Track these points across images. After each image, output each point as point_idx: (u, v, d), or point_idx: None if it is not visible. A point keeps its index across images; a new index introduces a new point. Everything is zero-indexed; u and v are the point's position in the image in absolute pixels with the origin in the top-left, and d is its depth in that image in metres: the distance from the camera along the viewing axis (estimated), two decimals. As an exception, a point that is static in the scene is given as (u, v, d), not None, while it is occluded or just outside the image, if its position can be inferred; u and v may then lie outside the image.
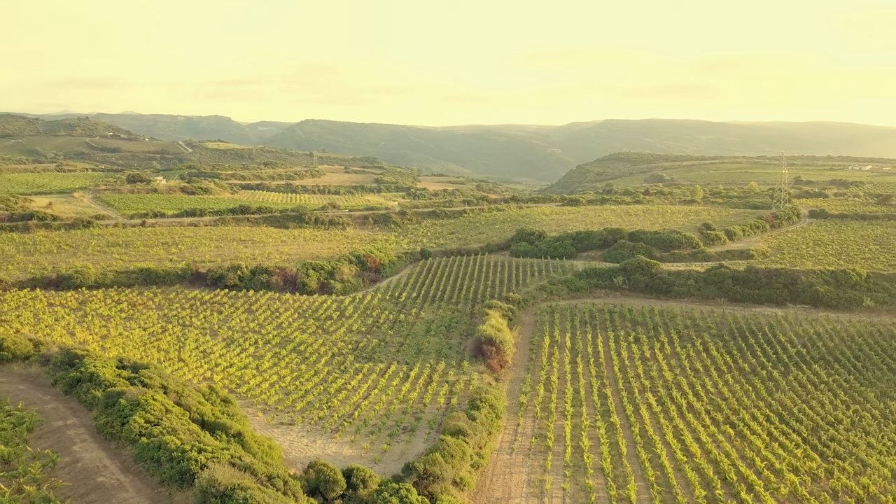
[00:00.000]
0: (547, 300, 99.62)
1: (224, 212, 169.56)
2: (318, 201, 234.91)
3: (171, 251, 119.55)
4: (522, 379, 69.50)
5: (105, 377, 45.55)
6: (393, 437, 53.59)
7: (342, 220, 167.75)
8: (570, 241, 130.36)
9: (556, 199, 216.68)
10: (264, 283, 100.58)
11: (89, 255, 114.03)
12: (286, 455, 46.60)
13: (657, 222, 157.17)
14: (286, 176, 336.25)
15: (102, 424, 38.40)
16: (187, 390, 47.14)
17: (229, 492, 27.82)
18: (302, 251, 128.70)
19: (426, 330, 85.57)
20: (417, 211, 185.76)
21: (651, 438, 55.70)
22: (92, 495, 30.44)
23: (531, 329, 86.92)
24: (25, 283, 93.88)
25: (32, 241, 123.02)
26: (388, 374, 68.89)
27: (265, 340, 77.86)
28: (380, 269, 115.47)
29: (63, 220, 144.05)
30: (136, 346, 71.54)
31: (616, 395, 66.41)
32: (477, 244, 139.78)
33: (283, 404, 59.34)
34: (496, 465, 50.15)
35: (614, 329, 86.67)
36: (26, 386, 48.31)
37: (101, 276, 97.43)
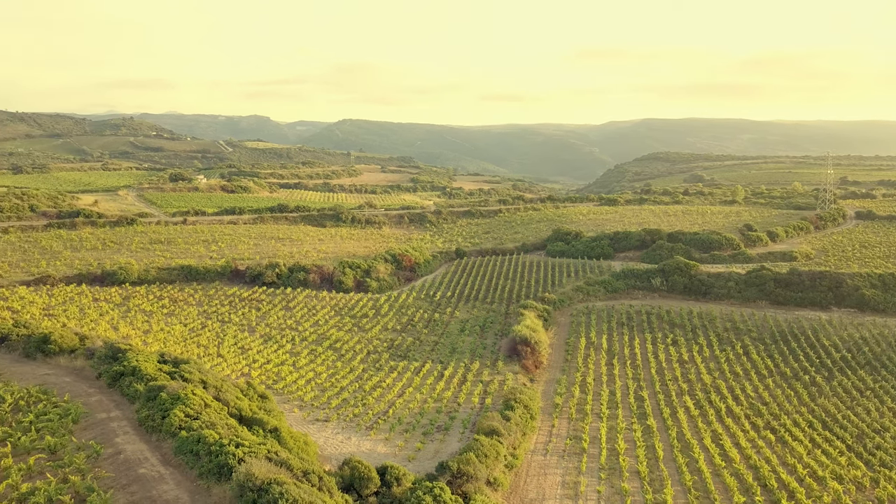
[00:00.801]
0: (583, 301, 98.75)
1: (263, 210, 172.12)
2: (354, 200, 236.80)
3: (212, 249, 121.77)
4: (557, 380, 69.01)
5: (147, 371, 46.60)
6: (427, 435, 53.70)
7: (378, 219, 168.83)
8: (608, 241, 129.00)
9: (593, 199, 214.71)
10: (302, 281, 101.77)
11: (133, 251, 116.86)
12: (321, 451, 47.08)
13: (696, 223, 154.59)
14: (324, 175, 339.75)
15: (144, 417, 39.27)
16: (226, 385, 47.94)
17: (266, 486, 28.19)
18: (339, 249, 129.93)
19: (461, 329, 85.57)
20: (453, 210, 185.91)
21: (689, 442, 54.79)
22: (133, 486, 31.16)
23: (567, 330, 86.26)
24: (72, 278, 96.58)
25: (79, 237, 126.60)
26: (423, 373, 69.08)
27: (302, 337, 78.75)
28: (415, 267, 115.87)
29: (108, 218, 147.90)
30: (177, 341, 73.02)
31: (653, 397, 65.49)
32: (512, 244, 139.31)
33: (319, 401, 59.95)
34: (530, 466, 49.89)
35: (651, 331, 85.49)
36: (72, 378, 49.68)
37: (144, 272, 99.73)
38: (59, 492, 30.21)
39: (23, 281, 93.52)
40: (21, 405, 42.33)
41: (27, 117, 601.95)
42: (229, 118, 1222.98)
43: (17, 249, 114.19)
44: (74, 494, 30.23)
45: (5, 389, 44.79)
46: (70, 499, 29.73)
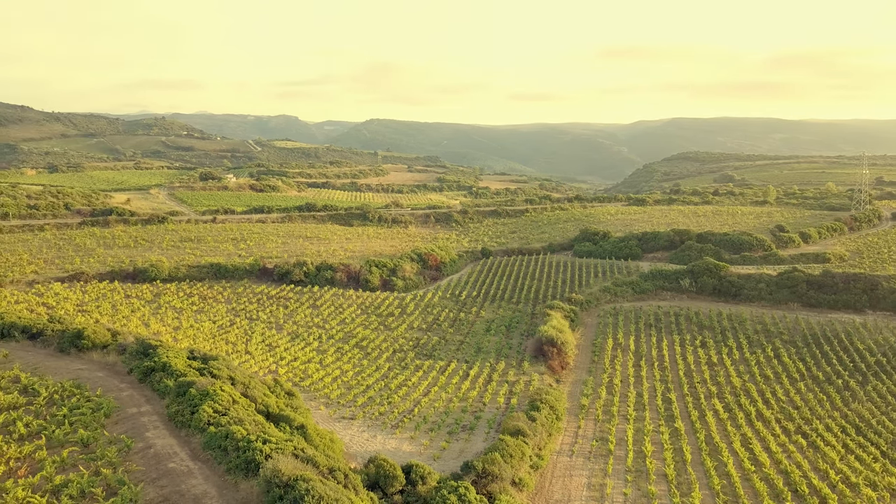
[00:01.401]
0: (610, 302, 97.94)
1: (291, 209, 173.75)
2: (381, 200, 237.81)
3: (240, 247, 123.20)
4: (584, 381, 68.55)
5: (177, 367, 47.27)
6: (452, 434, 53.71)
7: (404, 219, 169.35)
8: (636, 241, 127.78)
9: (621, 199, 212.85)
10: (329, 279, 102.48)
11: (164, 249, 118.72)
12: (347, 449, 47.35)
13: (727, 223, 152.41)
14: (351, 175, 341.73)
15: (173, 412, 39.84)
16: (253, 382, 48.46)
17: (292, 482, 28.42)
18: (365, 248, 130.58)
19: (486, 329, 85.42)
20: (479, 210, 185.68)
21: (717, 446, 54.03)
22: (163, 480, 31.63)
23: (594, 331, 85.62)
24: (105, 275, 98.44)
25: (112, 235, 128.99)
26: (448, 372, 69.11)
27: (329, 335, 79.30)
28: (441, 267, 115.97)
29: (140, 216, 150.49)
30: (206, 337, 74.00)
31: (681, 400, 64.71)
32: (539, 244, 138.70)
33: (345, 398, 60.30)
34: (556, 467, 49.62)
35: (680, 333, 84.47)
36: (104, 373, 50.58)
37: (175, 269, 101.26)
38: (92, 484, 30.79)
39: (58, 277, 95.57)
40: (55, 399, 43.23)
41: (63, 117, 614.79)
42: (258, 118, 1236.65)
43: (53, 247, 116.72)
44: (106, 487, 30.79)
45: (40, 383, 45.78)
46: (102, 491, 30.28)
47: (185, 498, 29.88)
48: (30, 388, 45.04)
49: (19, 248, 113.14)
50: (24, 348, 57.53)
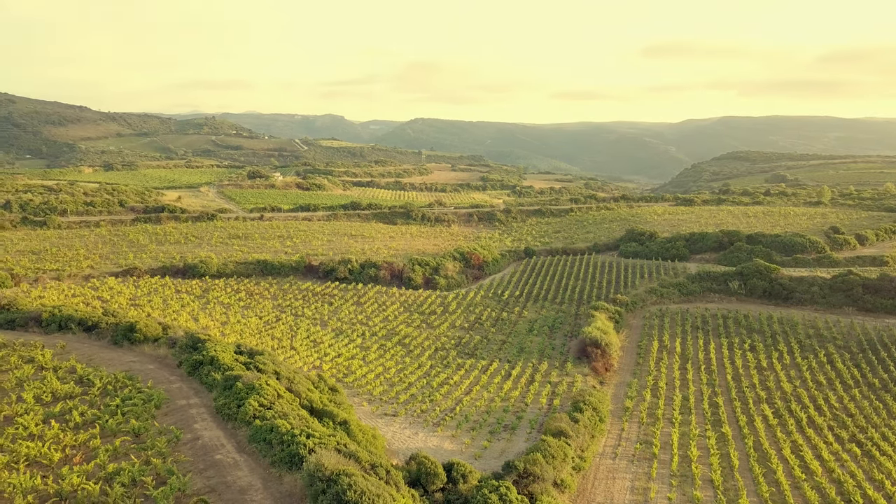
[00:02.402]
0: (656, 303, 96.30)
1: (336, 207, 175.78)
2: (425, 198, 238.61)
3: (286, 244, 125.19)
4: (628, 383, 67.58)
5: (224, 361, 48.30)
6: (494, 434, 53.58)
7: (447, 218, 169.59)
8: (683, 242, 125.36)
9: (668, 199, 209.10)
10: (372, 277, 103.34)
11: (213, 245, 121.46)
12: (389, 445, 47.67)
13: (778, 224, 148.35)
14: (395, 174, 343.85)
15: (221, 405, 40.70)
16: (298, 377, 49.18)
17: (335, 477, 28.73)
18: (408, 247, 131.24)
19: (529, 329, 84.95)
20: (522, 209, 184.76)
21: (766, 452, 52.63)
22: (210, 471, 32.35)
23: (639, 333, 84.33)
24: (156, 270, 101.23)
25: (163, 231, 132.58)
26: (490, 372, 68.95)
27: (372, 332, 79.96)
28: (483, 266, 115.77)
29: (190, 213, 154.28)
30: (253, 333, 75.40)
31: (728, 404, 63.23)
32: (584, 243, 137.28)
33: (388, 395, 60.71)
34: (598, 470, 49.05)
35: (728, 336, 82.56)
36: (155, 366, 52.02)
37: (223, 266, 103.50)
38: (142, 473, 31.69)
39: (112, 272, 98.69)
40: (109, 389, 44.64)
41: (118, 117, 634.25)
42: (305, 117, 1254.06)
43: (108, 242, 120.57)
44: (156, 476, 31.64)
45: (95, 374, 47.35)
46: (152, 480, 31.13)
47: (231, 489, 30.50)
48: (85, 379, 46.64)
49: (76, 244, 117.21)
50: (80, 340, 59.60)
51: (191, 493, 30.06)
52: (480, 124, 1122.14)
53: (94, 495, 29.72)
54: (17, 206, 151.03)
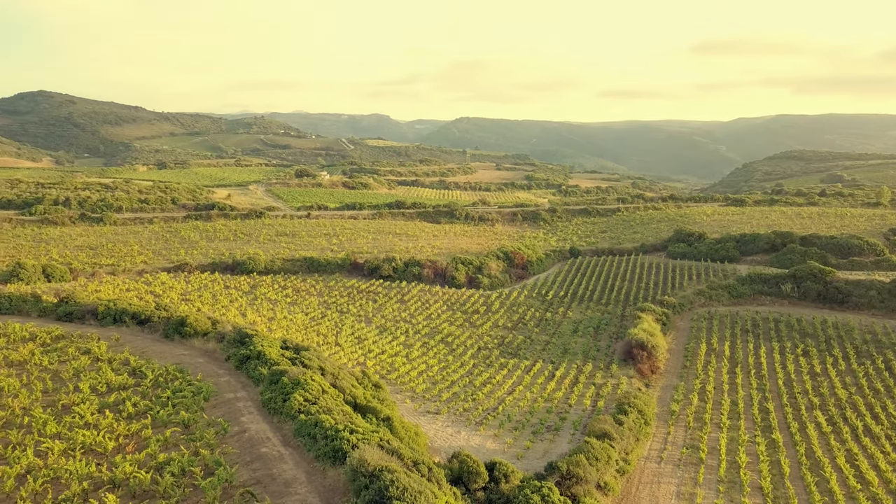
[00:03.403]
0: (705, 305, 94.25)
1: (381, 206, 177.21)
2: (468, 198, 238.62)
3: (332, 242, 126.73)
4: (675, 386, 66.32)
5: (270, 356, 49.16)
6: (536, 434, 53.25)
7: (491, 217, 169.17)
8: (733, 243, 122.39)
9: (718, 199, 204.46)
10: (416, 275, 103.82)
11: (261, 243, 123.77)
12: (431, 443, 47.80)
13: (834, 226, 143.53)
14: (440, 173, 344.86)
15: (267, 399, 41.43)
16: (342, 373, 49.72)
17: (377, 473, 28.93)
18: (452, 246, 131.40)
19: (573, 330, 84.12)
20: (568, 208, 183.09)
21: (819, 460, 50.97)
22: (256, 464, 32.95)
23: (686, 335, 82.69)
24: (206, 266, 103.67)
25: (213, 228, 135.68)
26: (534, 372, 68.51)
27: (415, 330, 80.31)
28: (527, 265, 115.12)
29: (239, 211, 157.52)
30: (299, 329, 76.55)
31: (779, 410, 61.46)
32: (630, 244, 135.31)
33: (430, 393, 60.89)
34: (643, 473, 48.27)
35: (780, 340, 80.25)
36: (204, 359, 53.26)
37: (270, 262, 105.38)
38: (191, 463, 32.47)
39: (164, 268, 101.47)
40: (160, 381, 45.89)
41: (171, 117, 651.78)
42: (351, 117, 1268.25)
43: (160, 239, 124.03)
44: (204, 467, 32.38)
45: (147, 366, 48.73)
46: (200, 471, 31.86)
47: (277, 482, 31.00)
48: (138, 371, 48.05)
49: (131, 240, 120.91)
50: (134, 333, 61.42)
51: (237, 484, 30.67)
52: (526, 123, 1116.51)
53: (145, 483, 30.60)
54: (75, 203, 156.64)
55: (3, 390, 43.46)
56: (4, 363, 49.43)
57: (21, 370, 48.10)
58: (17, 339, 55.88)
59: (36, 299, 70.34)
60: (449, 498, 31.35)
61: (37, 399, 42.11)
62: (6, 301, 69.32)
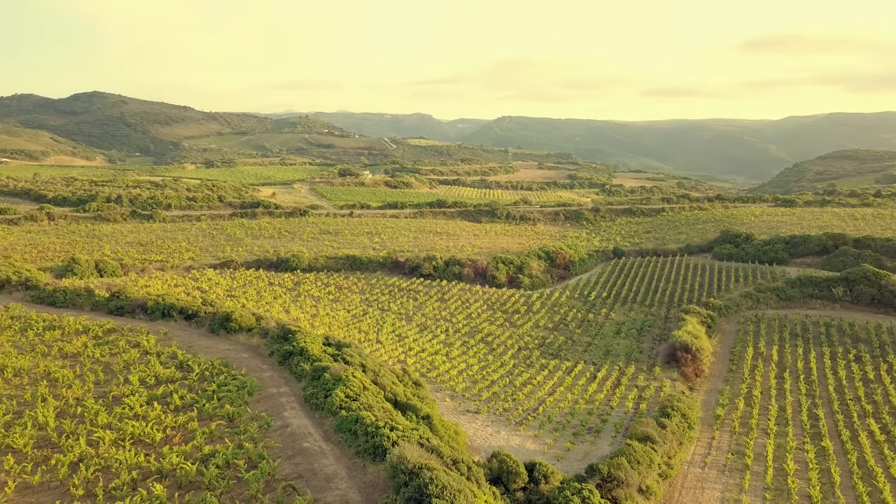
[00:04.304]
0: (752, 308, 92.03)
1: (422, 205, 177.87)
2: (510, 197, 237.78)
3: (374, 240, 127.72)
4: (720, 390, 64.92)
5: (313, 352, 49.81)
6: (577, 436, 52.76)
7: (533, 216, 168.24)
8: (782, 245, 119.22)
9: (767, 200, 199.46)
10: (456, 274, 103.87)
11: (304, 240, 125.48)
12: (471, 442, 47.78)
13: (890, 228, 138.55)
14: (481, 172, 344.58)
15: (309, 395, 42.00)
16: (383, 370, 50.09)
17: (416, 470, 29.06)
18: (493, 245, 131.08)
19: (616, 331, 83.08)
20: (611, 208, 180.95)
21: (871, 470, 49.25)
22: (298, 458, 33.43)
23: (732, 338, 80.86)
24: (251, 263, 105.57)
25: (258, 226, 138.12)
26: (575, 373, 67.90)
27: (455, 329, 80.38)
28: (569, 266, 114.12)
29: (283, 209, 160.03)
30: (341, 326, 77.36)
31: (830, 417, 59.61)
32: (675, 244, 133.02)
33: (470, 392, 60.87)
34: (686, 478, 47.38)
35: (831, 345, 77.84)
36: (248, 355, 54.28)
37: (313, 260, 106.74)
38: (235, 456, 33.13)
39: (211, 264, 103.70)
40: (206, 375, 46.95)
41: (218, 116, 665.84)
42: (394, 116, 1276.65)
43: (207, 236, 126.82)
44: (248, 460, 33.00)
45: (194, 360, 49.91)
46: (244, 463, 32.48)
47: (318, 476, 31.40)
48: (185, 364, 49.24)
49: (179, 237, 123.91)
50: (181, 328, 62.97)
51: (280, 477, 31.16)
52: (569, 122, 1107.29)
53: (190, 475, 31.33)
54: (127, 200, 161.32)
55: (58, 381, 45.06)
56: (59, 355, 51.23)
57: (75, 362, 49.80)
58: (71, 332, 57.86)
59: (89, 293, 72.66)
60: (488, 497, 31.30)
61: (89, 390, 43.53)
62: (61, 295, 71.81)
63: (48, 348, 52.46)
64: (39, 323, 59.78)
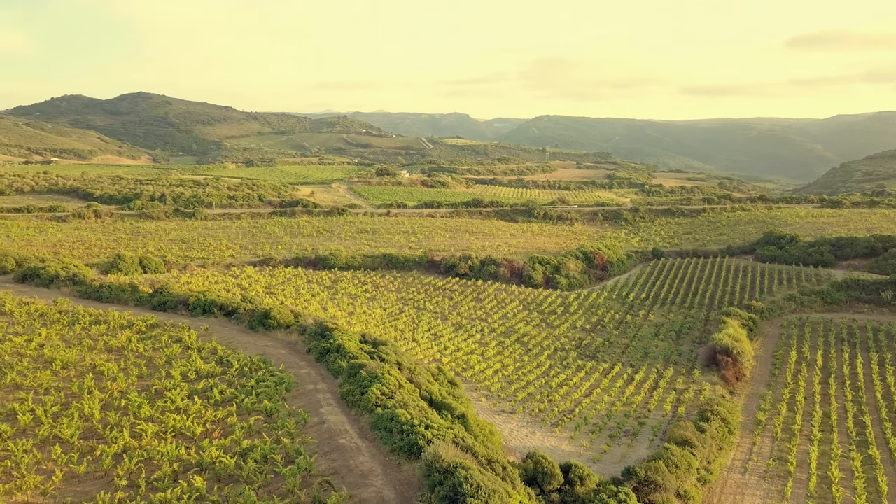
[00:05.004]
0: (796, 312, 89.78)
1: (459, 204, 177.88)
2: (547, 196, 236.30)
3: (410, 239, 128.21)
4: (761, 395, 63.49)
5: (350, 350, 50.22)
6: (613, 438, 52.16)
7: (571, 216, 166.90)
8: (828, 247, 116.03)
9: (812, 200, 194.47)
10: (492, 274, 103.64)
11: (342, 239, 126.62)
12: (506, 442, 47.62)
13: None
14: (518, 171, 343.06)
15: (345, 392, 42.34)
16: (418, 369, 50.23)
17: (451, 469, 29.06)
18: (529, 245, 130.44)
19: (654, 333, 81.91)
20: (651, 208, 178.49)
21: (921, 481, 47.61)
22: (334, 454, 33.73)
23: (775, 342, 79.01)
24: (290, 261, 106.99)
25: (297, 224, 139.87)
26: (612, 375, 67.14)
27: (490, 329, 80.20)
28: (607, 266, 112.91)
29: (322, 208, 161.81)
30: (377, 324, 77.85)
31: (877, 424, 57.78)
32: (716, 246, 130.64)
33: (506, 392, 60.66)
34: (725, 484, 46.44)
35: (878, 350, 75.46)
36: (286, 351, 54.98)
37: (351, 258, 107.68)
38: (273, 451, 33.58)
39: (250, 261, 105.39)
40: (245, 371, 47.69)
41: (259, 116, 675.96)
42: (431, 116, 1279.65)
43: (247, 234, 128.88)
44: (285, 455, 33.42)
45: (233, 356, 50.75)
46: (281, 458, 32.91)
47: (353, 473, 31.63)
48: (224, 360, 50.10)
49: (220, 234, 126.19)
50: (221, 324, 64.09)
51: (316, 473, 31.48)
52: (608, 121, 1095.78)
53: (229, 468, 31.87)
54: (170, 198, 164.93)
55: (104, 374, 46.28)
56: (105, 348, 52.62)
57: (119, 355, 51.10)
58: (116, 327, 59.40)
59: (133, 289, 74.51)
60: (523, 498, 31.14)
61: (133, 383, 44.61)
62: (107, 290, 73.77)
63: (94, 342, 53.93)
64: (86, 317, 61.50)
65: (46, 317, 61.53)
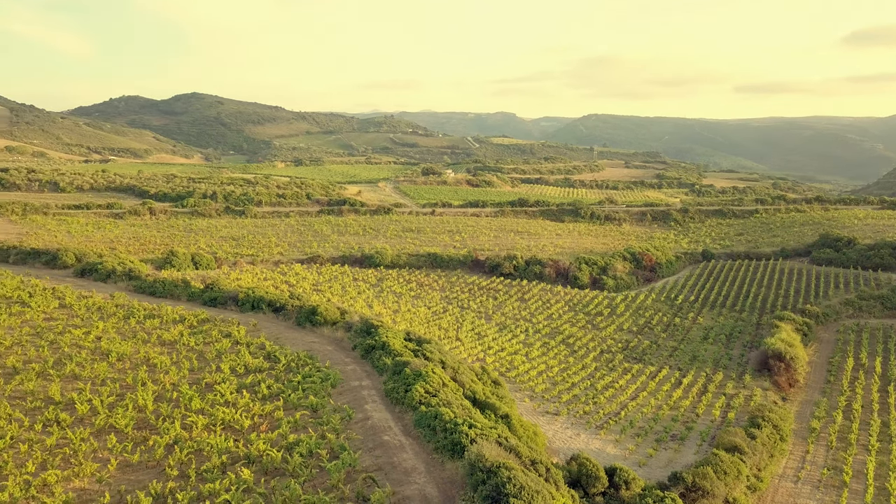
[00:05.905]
0: (853, 317, 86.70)
1: (504, 204, 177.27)
2: (594, 196, 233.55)
3: (455, 238, 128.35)
4: (815, 402, 61.52)
5: (394, 347, 50.56)
6: (660, 442, 51.26)
7: (618, 216, 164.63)
8: (889, 250, 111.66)
9: (872, 202, 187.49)
10: (537, 274, 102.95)
11: (387, 238, 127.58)
12: (550, 444, 47.25)
13: None
14: (565, 170, 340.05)
15: (389, 389, 42.64)
16: (462, 368, 50.24)
17: (494, 469, 28.97)
18: (575, 245, 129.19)
19: (703, 337, 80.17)
20: (701, 209, 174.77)
21: None
22: (378, 451, 34.01)
23: (831, 348, 76.47)
24: (337, 259, 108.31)
25: (344, 223, 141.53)
26: (659, 378, 65.98)
27: (535, 329, 79.70)
28: (655, 268, 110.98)
29: (368, 207, 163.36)
30: (421, 322, 78.17)
31: (940, 436, 55.36)
32: (769, 248, 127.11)
33: (550, 394, 60.21)
34: (777, 493, 45.16)
35: (942, 358, 72.26)
36: (332, 348, 55.66)
37: (396, 257, 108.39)
38: (318, 446, 34.05)
39: (298, 259, 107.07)
40: (292, 366, 48.49)
41: (307, 116, 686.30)
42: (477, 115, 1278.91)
43: (296, 231, 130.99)
44: (330, 450, 33.85)
45: (280, 352, 51.64)
46: (326, 454, 33.34)
47: (397, 470, 31.83)
48: (272, 355, 51.02)
49: (269, 232, 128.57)
50: (269, 320, 65.27)
51: (360, 469, 31.79)
52: (657, 120, 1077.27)
53: (276, 461, 32.44)
54: (221, 196, 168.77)
55: (157, 367, 47.66)
56: (158, 342, 54.17)
57: (171, 349, 52.53)
58: (168, 321, 61.09)
59: (185, 285, 76.47)
60: (566, 500, 30.85)
61: (184, 376, 45.81)
62: (160, 286, 75.91)
63: (148, 335, 55.57)
64: (140, 311, 63.44)
65: (104, 310, 63.67)
